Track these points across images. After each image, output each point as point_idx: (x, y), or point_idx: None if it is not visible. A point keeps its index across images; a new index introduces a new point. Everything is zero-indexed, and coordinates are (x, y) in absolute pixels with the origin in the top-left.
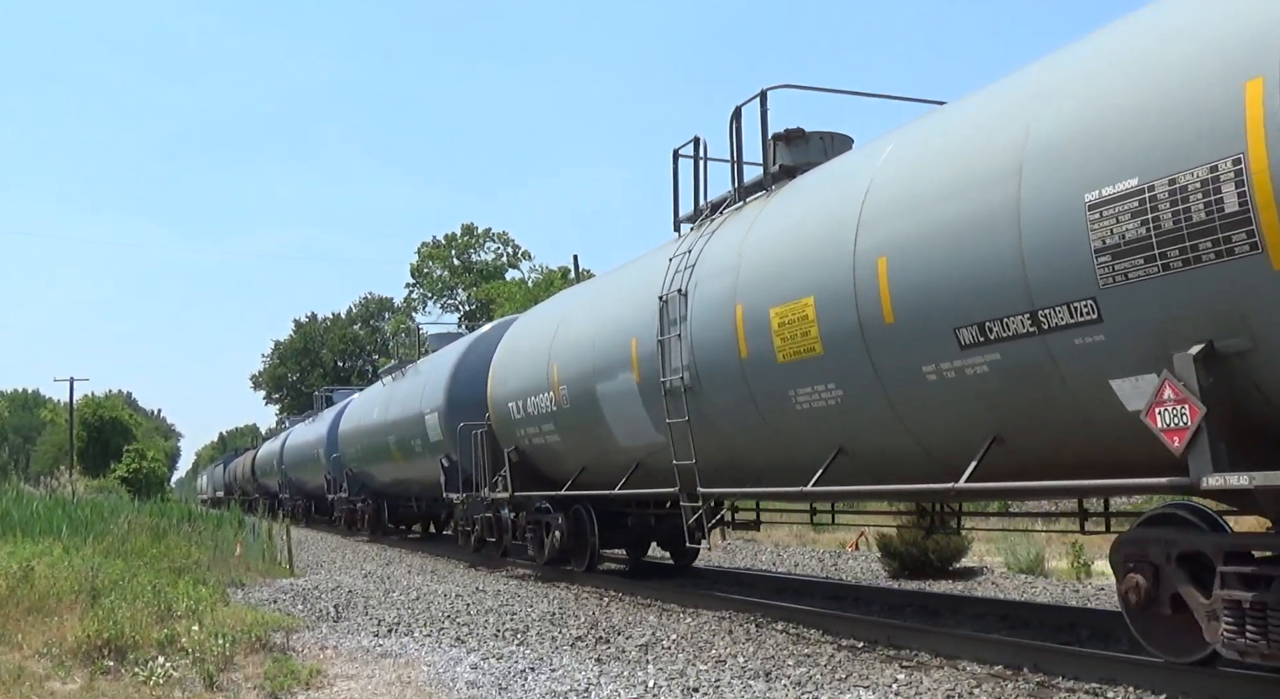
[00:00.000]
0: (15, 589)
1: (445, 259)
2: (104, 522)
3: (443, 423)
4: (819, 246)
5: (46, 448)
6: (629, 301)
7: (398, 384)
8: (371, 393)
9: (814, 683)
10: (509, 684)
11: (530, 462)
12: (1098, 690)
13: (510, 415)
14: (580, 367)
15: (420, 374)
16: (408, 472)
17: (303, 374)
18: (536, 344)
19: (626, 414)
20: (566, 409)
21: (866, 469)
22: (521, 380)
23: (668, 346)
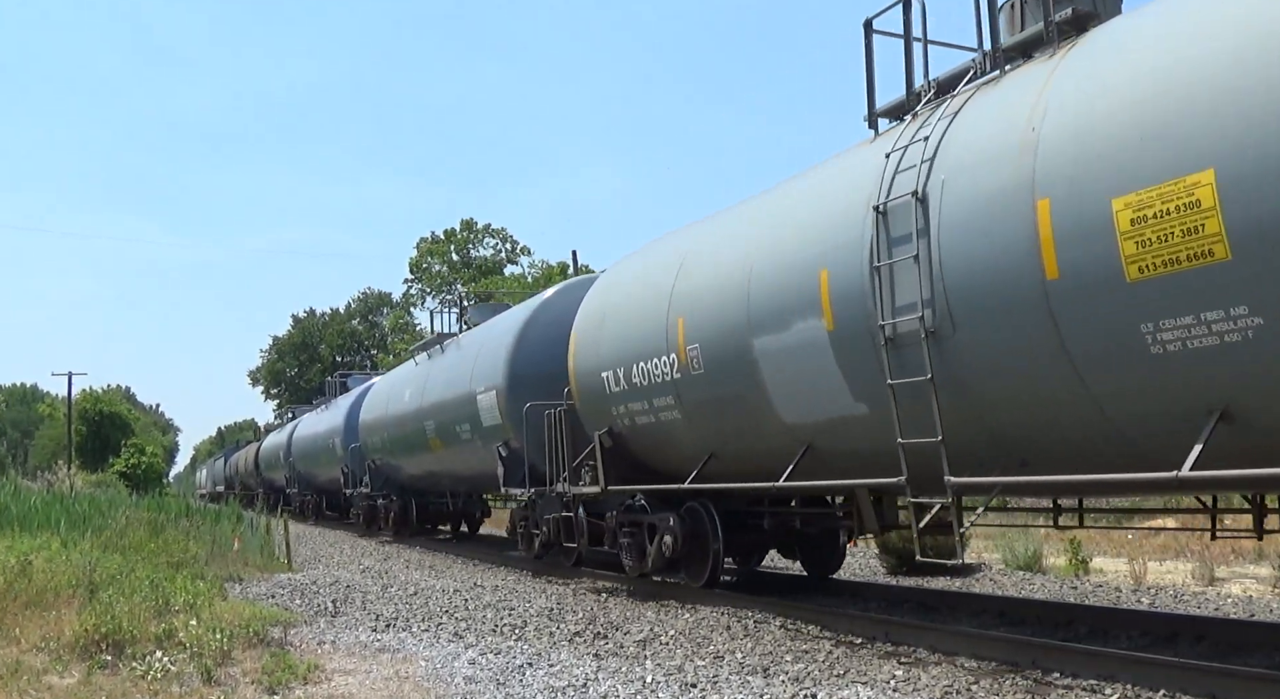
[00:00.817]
0: (13, 583)
1: (444, 255)
2: (102, 516)
3: (502, 403)
4: (1223, 91)
5: (44, 442)
6: (811, 223)
7: (437, 362)
8: (400, 374)
9: (812, 679)
10: (507, 679)
11: (627, 448)
12: (1095, 687)
13: (603, 389)
14: (723, 319)
15: (466, 348)
16: (449, 462)
17: (301, 369)
18: (645, 297)
19: (803, 377)
20: (697, 377)
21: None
22: (621, 345)
23: (892, 276)
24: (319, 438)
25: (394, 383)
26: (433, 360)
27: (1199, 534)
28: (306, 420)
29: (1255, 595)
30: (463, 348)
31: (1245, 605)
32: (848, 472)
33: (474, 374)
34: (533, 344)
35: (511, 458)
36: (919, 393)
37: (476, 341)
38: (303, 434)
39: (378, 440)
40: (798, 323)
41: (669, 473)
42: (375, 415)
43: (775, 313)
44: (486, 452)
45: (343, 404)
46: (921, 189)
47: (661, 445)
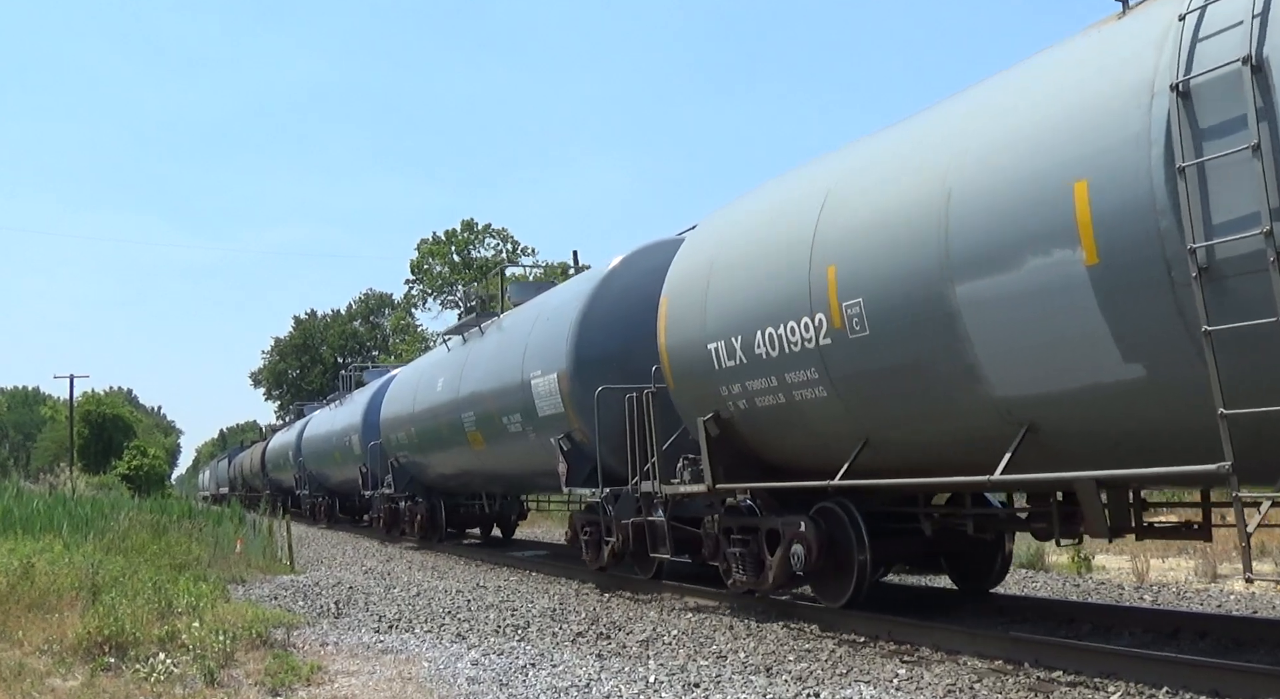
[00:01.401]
0: (16, 586)
1: (445, 255)
2: (104, 518)
3: (566, 389)
4: None
5: (47, 445)
6: (1053, 120)
7: (475, 346)
8: (430, 362)
9: (815, 678)
10: (510, 680)
11: (739, 437)
12: (1098, 685)
13: (710, 366)
14: (901, 262)
15: (514, 329)
16: (491, 459)
17: (303, 371)
18: (773, 246)
19: (1035, 333)
20: (857, 341)
21: None
22: (737, 309)
23: (1205, 180)
24: (334, 436)
25: (422, 372)
26: (470, 345)
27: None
28: (318, 418)
29: (1258, 592)
30: (508, 329)
31: (1248, 602)
32: (1077, 459)
33: (527, 357)
34: (601, 318)
35: (576, 452)
36: (1258, 342)
37: (526, 320)
38: (314, 432)
39: (402, 436)
40: (1033, 258)
41: (792, 467)
42: (399, 409)
43: (993, 247)
44: (542, 445)
45: (360, 399)
46: (1257, 55)
47: (789, 433)
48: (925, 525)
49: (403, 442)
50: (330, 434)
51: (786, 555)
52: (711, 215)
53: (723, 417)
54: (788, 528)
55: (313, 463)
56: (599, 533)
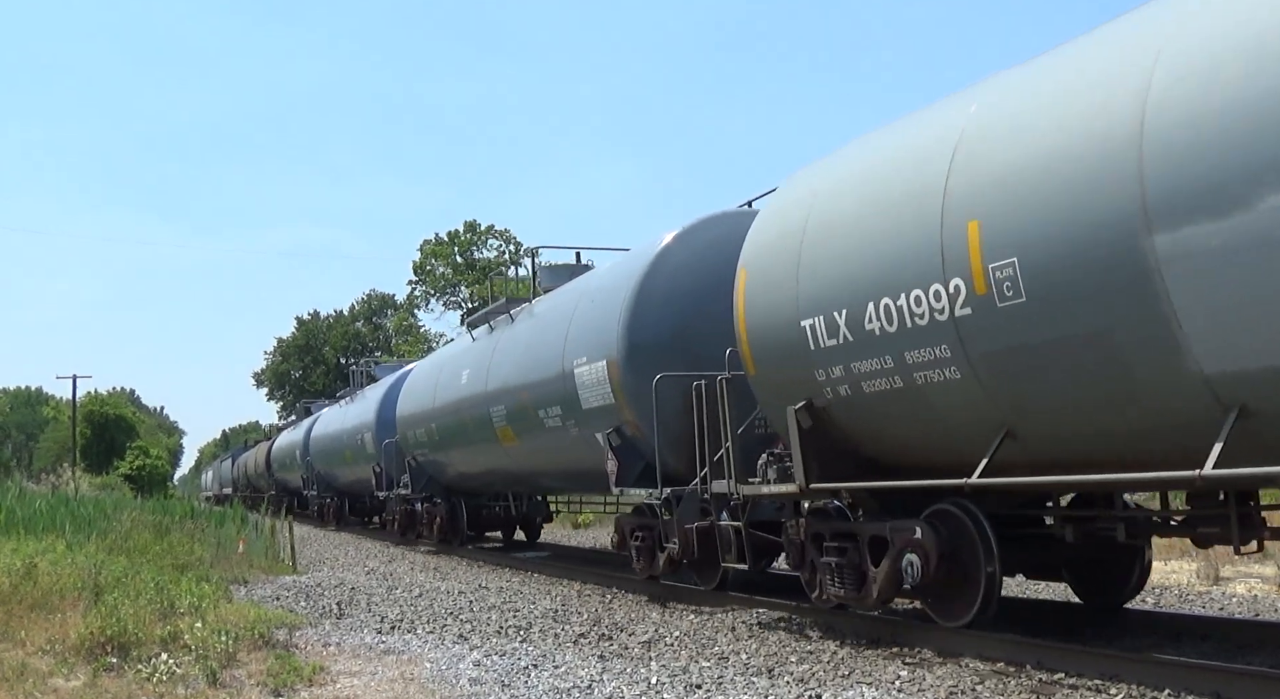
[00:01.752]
0: (18, 586)
1: (448, 256)
2: (107, 519)
3: (617, 378)
4: None
5: (49, 445)
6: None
7: (505, 335)
8: (453, 354)
9: (817, 680)
10: (512, 681)
11: (836, 429)
12: (1100, 687)
13: (803, 346)
14: (1076, 209)
15: (550, 314)
16: (525, 456)
17: (305, 371)
18: (889, 201)
19: (1264, 288)
20: (1008, 310)
21: None
22: (842, 277)
23: None
24: (344, 434)
25: (443, 365)
26: (498, 334)
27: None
28: (327, 416)
29: (1260, 595)
30: (543, 315)
31: (1250, 605)
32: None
33: (569, 343)
34: (656, 299)
35: (627, 448)
36: None
37: (566, 304)
38: (323, 431)
39: (421, 434)
40: (1271, 196)
41: (903, 463)
42: (418, 405)
43: (1211, 185)
44: (585, 440)
45: (373, 395)
46: None
47: (904, 423)
48: (1067, 530)
49: (421, 439)
50: (341, 432)
51: (897, 567)
52: (799, 173)
53: (817, 405)
54: (898, 534)
55: (321, 462)
56: (652, 538)
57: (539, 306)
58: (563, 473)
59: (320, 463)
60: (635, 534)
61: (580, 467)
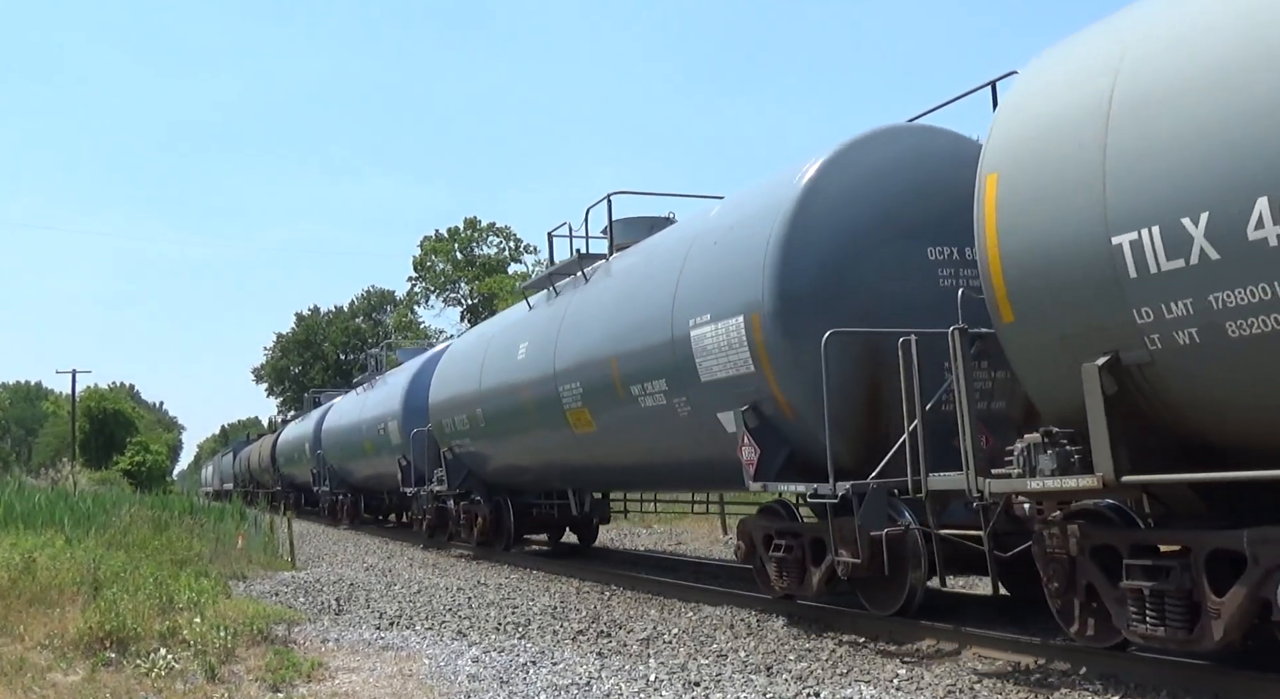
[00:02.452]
0: (17, 581)
1: (448, 253)
2: (106, 514)
3: (763, 338)
4: None
5: (48, 440)
6: None
7: (578, 298)
8: (503, 326)
9: (815, 678)
10: (510, 677)
11: (1159, 397)
12: (1098, 688)
13: (1115, 273)
14: None
15: (646, 268)
16: (607, 445)
17: (305, 367)
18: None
19: None
20: None
21: None
22: (1196, 165)
23: None
24: (363, 425)
25: (490, 339)
26: (567, 298)
27: None
28: (342, 405)
29: None
30: (630, 271)
31: None
32: None
33: (680, 300)
34: (815, 236)
35: (767, 431)
36: None
37: (669, 254)
38: (337, 422)
39: (462, 422)
40: None
41: (1254, 446)
42: (458, 388)
43: None
44: (702, 422)
45: (398, 379)
46: None
47: None
48: None
49: (461, 428)
50: (359, 423)
51: (1255, 597)
52: (1077, 36)
53: (1126, 362)
54: (1266, 549)
55: (335, 456)
56: (800, 548)
57: (621, 263)
58: (664, 465)
59: (334, 456)
60: (774, 543)
61: (691, 456)
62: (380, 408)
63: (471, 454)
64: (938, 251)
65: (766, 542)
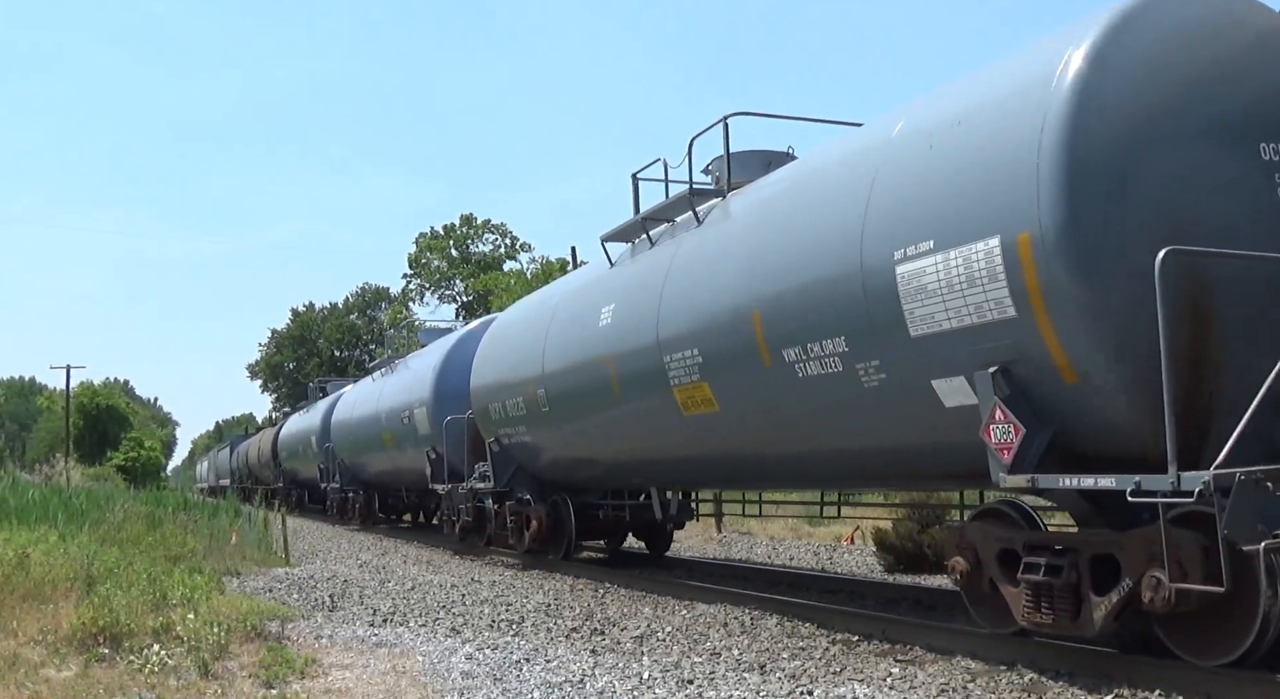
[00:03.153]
0: (11, 576)
1: (443, 250)
2: (100, 510)
3: (1034, 262)
4: None
5: (42, 435)
6: None
7: (687, 244)
8: (571, 290)
9: (809, 676)
10: (504, 675)
11: None
12: (1091, 687)
13: None
14: None
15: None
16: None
17: (299, 363)
18: None
19: None
20: None
21: None
22: None
23: None
24: (382, 415)
25: (559, 306)
26: (682, 240)
27: None
28: (355, 394)
29: None
30: (771, 205)
31: None
32: None
33: (871, 226)
34: (1108, 135)
35: (1023, 404)
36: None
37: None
38: (350, 413)
39: (515, 407)
40: None
41: None
42: (510, 368)
43: None
44: (899, 395)
45: (427, 361)
46: None
47: None
48: None
49: (515, 414)
50: (376, 414)
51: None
52: None
53: None
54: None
55: (347, 450)
56: (1073, 569)
57: (748, 199)
58: (824, 455)
59: (346, 450)
60: (1024, 562)
61: (877, 442)
62: (404, 394)
63: (524, 445)
64: (1273, 149)
65: (1004, 558)
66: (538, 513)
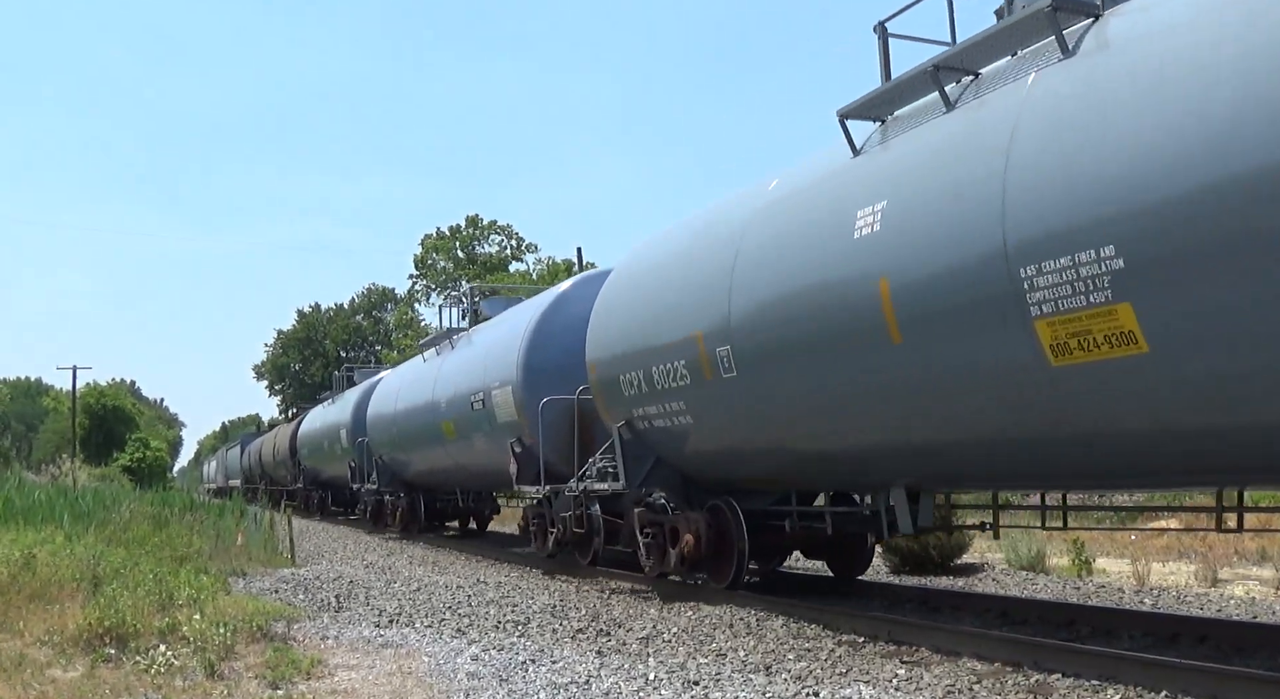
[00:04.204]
0: (17, 577)
1: (449, 251)
2: (106, 510)
3: None
4: None
5: (49, 436)
6: None
7: (1061, 76)
8: (768, 200)
9: (814, 677)
10: (510, 675)
11: None
12: (1097, 688)
13: None
14: None
15: None
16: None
17: (305, 364)
18: None
19: None
20: None
21: None
22: None
23: None
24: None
25: (750, 217)
26: (1100, 58)
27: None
28: (397, 380)
29: (1258, 597)
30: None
31: (1248, 607)
32: None
33: None
34: None
35: None
36: None
37: None
38: (389, 405)
39: (665, 374)
40: None
41: None
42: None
43: None
44: None
45: (513, 327)
46: None
47: None
48: None
49: (663, 386)
50: (433, 400)
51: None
52: None
53: None
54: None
55: (387, 446)
56: None
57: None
58: None
59: (385, 446)
60: None
61: None
62: (476, 373)
63: (672, 431)
64: None
65: None
66: (692, 523)
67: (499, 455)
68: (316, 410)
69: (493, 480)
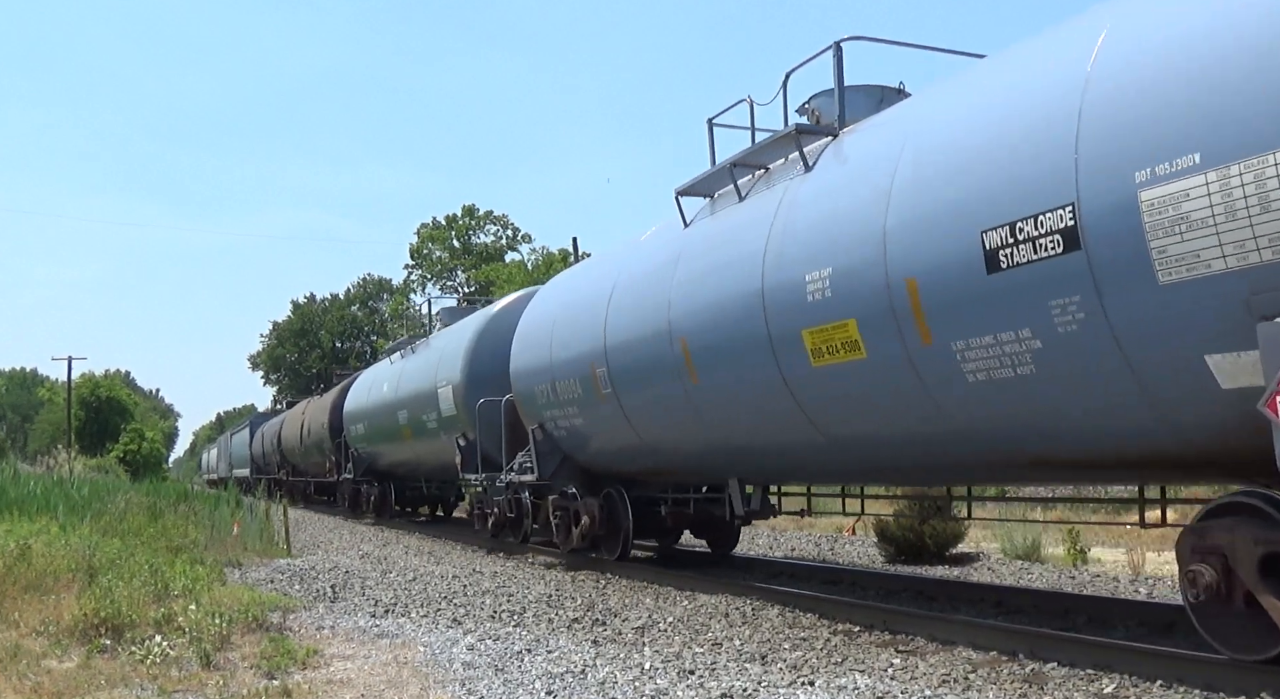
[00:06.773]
0: (12, 568)
1: (445, 241)
2: (101, 501)
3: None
4: None
5: (44, 427)
6: None
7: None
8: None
9: (810, 666)
10: (505, 665)
11: None
12: (1092, 677)
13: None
14: None
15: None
16: None
17: (301, 355)
18: None
19: None
20: None
21: None
22: None
23: None
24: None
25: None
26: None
27: None
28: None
29: None
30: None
31: None
32: None
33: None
34: None
35: None
36: None
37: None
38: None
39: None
40: None
41: None
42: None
43: None
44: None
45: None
46: None
47: None
48: None
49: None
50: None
51: None
52: None
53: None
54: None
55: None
56: None
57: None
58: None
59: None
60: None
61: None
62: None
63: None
64: None
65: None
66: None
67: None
68: (369, 372)
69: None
